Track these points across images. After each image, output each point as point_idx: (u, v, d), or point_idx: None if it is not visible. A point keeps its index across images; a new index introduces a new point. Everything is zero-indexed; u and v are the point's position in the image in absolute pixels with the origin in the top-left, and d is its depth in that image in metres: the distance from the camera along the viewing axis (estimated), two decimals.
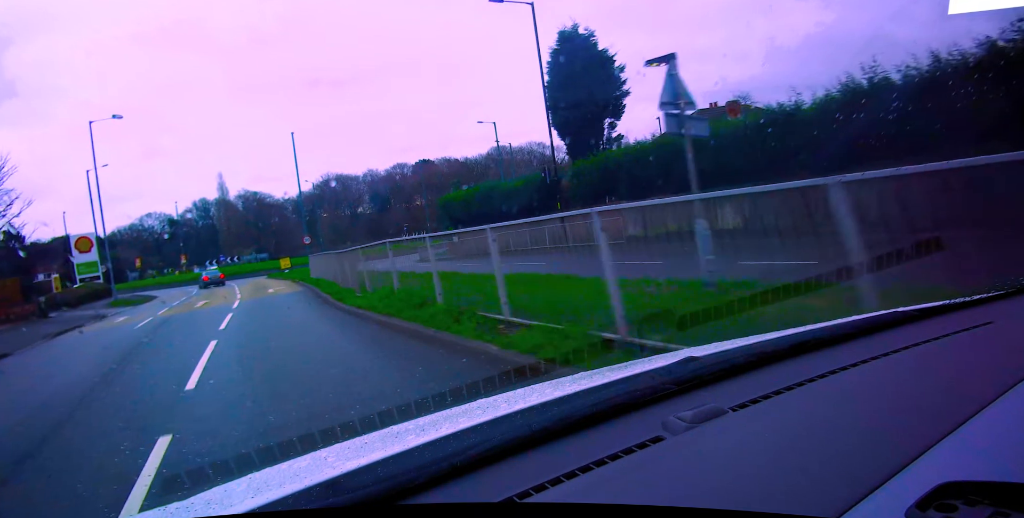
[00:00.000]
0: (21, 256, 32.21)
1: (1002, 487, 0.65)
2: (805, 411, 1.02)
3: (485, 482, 0.85)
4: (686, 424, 0.94)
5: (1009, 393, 0.93)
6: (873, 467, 0.75)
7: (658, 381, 1.11)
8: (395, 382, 5.45)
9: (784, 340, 1.34)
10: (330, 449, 1.12)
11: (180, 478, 2.08)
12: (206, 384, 6.41)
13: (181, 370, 7.20)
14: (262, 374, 6.77)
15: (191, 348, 9.19)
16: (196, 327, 13.72)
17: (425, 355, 6.63)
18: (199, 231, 75.28)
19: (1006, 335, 1.36)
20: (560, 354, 4.55)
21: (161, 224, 75.80)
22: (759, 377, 1.18)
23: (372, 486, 0.81)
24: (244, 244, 73.95)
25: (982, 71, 10.31)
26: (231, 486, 1.00)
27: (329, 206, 72.48)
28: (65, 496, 3.57)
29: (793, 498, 0.71)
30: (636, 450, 0.88)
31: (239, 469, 1.48)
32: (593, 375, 1.37)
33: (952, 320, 1.47)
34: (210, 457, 3.66)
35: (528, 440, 0.93)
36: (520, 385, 1.48)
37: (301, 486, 0.82)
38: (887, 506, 0.67)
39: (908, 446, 0.79)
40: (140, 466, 3.77)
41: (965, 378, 1.10)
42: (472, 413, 1.15)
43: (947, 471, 0.71)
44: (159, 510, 0.93)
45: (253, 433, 4.22)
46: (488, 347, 5.81)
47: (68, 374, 9.53)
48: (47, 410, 6.36)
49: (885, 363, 1.19)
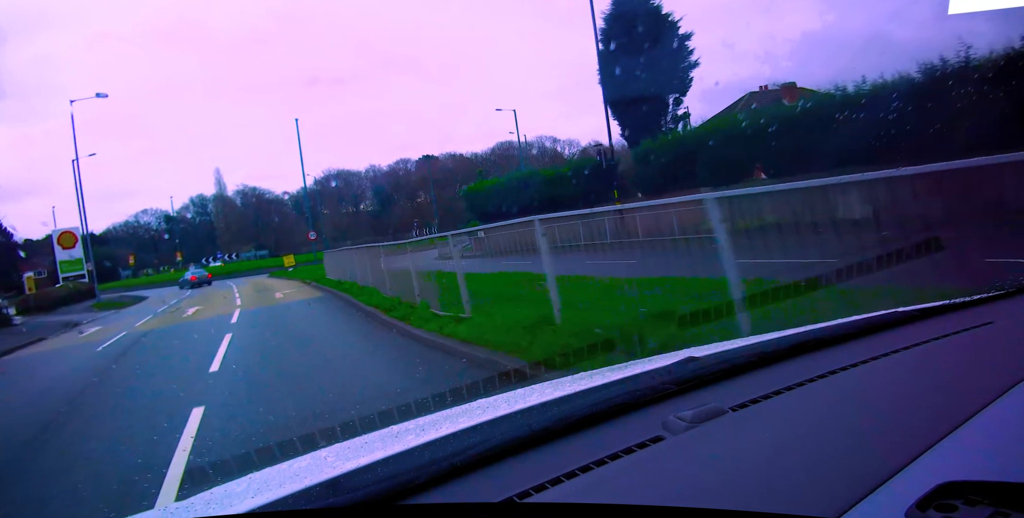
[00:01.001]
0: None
1: (1002, 487, 0.65)
2: (805, 411, 1.02)
3: (485, 482, 0.85)
4: (686, 424, 0.94)
5: (1009, 393, 0.93)
6: (873, 467, 0.75)
7: (658, 381, 1.11)
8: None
9: (784, 340, 1.34)
10: (330, 449, 1.12)
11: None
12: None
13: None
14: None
15: (156, 426, 4.91)
16: (176, 361, 8.79)
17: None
18: (196, 228, 73.71)
19: (1006, 335, 1.36)
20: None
21: (158, 221, 74.12)
22: (759, 377, 1.18)
23: (372, 486, 0.81)
24: (243, 241, 72.22)
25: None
26: (231, 486, 1.00)
27: (331, 202, 71.22)
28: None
29: (793, 498, 0.71)
30: (636, 450, 0.88)
31: (239, 469, 1.48)
32: (593, 375, 1.37)
33: (952, 320, 1.47)
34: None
35: (528, 440, 0.93)
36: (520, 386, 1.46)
37: (301, 486, 0.82)
38: (887, 506, 0.67)
39: (908, 446, 0.79)
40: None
41: (965, 378, 1.10)
42: (472, 413, 1.15)
43: (947, 471, 0.71)
44: (159, 510, 0.93)
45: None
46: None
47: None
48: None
49: (885, 363, 1.19)
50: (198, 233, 72.20)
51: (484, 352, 5.72)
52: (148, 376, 7.87)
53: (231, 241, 71.08)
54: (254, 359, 7.92)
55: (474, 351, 5.86)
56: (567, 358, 4.14)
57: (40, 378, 9.65)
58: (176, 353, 9.69)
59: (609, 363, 2.16)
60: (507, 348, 5.54)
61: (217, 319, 13.43)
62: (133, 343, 11.55)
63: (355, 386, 5.53)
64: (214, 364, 7.43)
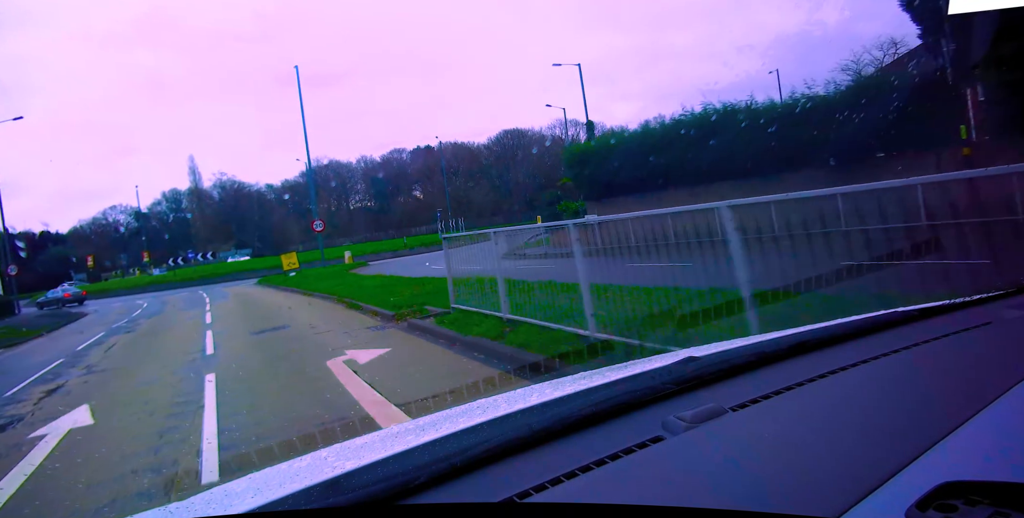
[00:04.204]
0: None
1: (1002, 487, 0.66)
2: (805, 411, 1.02)
3: (485, 482, 0.85)
4: (686, 424, 0.94)
5: (1009, 393, 0.93)
6: (873, 467, 0.75)
7: (658, 381, 1.11)
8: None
9: (784, 340, 1.34)
10: (330, 449, 1.11)
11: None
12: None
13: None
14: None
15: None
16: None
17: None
18: (169, 225, 66.22)
19: (1006, 335, 1.36)
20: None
21: (128, 218, 65.95)
22: (759, 377, 1.18)
23: (372, 486, 0.81)
24: (221, 239, 64.22)
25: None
26: (231, 486, 1.00)
27: (322, 196, 64.50)
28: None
29: (793, 498, 0.71)
30: (636, 450, 0.88)
31: (239, 469, 1.47)
32: (593, 375, 1.37)
33: (952, 320, 1.47)
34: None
35: (528, 440, 0.93)
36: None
37: (301, 486, 0.82)
38: (887, 506, 0.67)
39: (908, 446, 0.79)
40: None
41: (965, 378, 1.10)
42: (472, 413, 1.15)
43: (947, 471, 0.71)
44: (159, 510, 0.93)
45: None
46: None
47: None
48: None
49: (885, 363, 1.19)
50: (172, 231, 64.83)
51: None
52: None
53: (208, 239, 63.57)
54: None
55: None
56: None
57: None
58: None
59: None
60: None
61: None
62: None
63: None
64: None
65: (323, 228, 31.64)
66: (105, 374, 8.54)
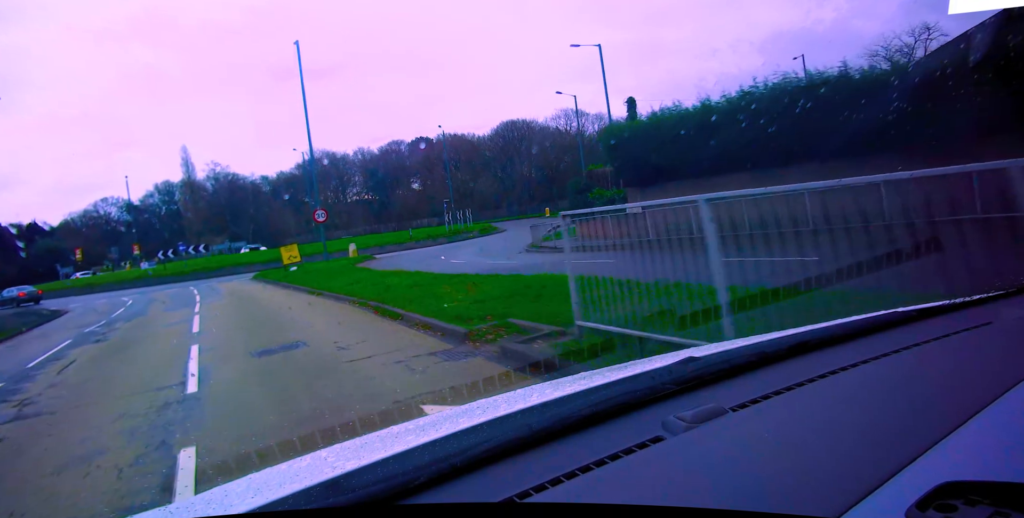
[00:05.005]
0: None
1: (1002, 487, 0.66)
2: (805, 411, 1.02)
3: (485, 482, 0.85)
4: (686, 424, 0.94)
5: (1009, 393, 0.93)
6: (873, 467, 0.75)
7: (658, 381, 1.11)
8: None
9: (784, 340, 1.34)
10: (330, 449, 1.11)
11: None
12: None
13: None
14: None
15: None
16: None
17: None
18: (162, 218, 65.31)
19: (1006, 335, 1.36)
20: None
21: (119, 211, 65.83)
22: (759, 377, 1.18)
23: (372, 486, 0.81)
24: (215, 232, 62.72)
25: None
26: (231, 486, 1.00)
27: (321, 188, 60.52)
28: None
29: (793, 498, 0.71)
30: (636, 450, 0.88)
31: (239, 469, 1.47)
32: (593, 375, 1.37)
33: (952, 320, 1.47)
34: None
35: (528, 440, 0.93)
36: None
37: (301, 486, 0.81)
38: (887, 506, 0.67)
39: (908, 446, 0.79)
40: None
41: (965, 378, 1.10)
42: (472, 413, 1.15)
43: (947, 471, 0.71)
44: (159, 510, 0.93)
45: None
46: None
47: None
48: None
49: (885, 363, 1.19)
50: (165, 223, 64.20)
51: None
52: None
53: (202, 231, 61.54)
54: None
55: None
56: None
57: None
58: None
59: None
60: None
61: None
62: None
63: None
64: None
65: (325, 218, 29.22)
66: (35, 427, 5.42)
